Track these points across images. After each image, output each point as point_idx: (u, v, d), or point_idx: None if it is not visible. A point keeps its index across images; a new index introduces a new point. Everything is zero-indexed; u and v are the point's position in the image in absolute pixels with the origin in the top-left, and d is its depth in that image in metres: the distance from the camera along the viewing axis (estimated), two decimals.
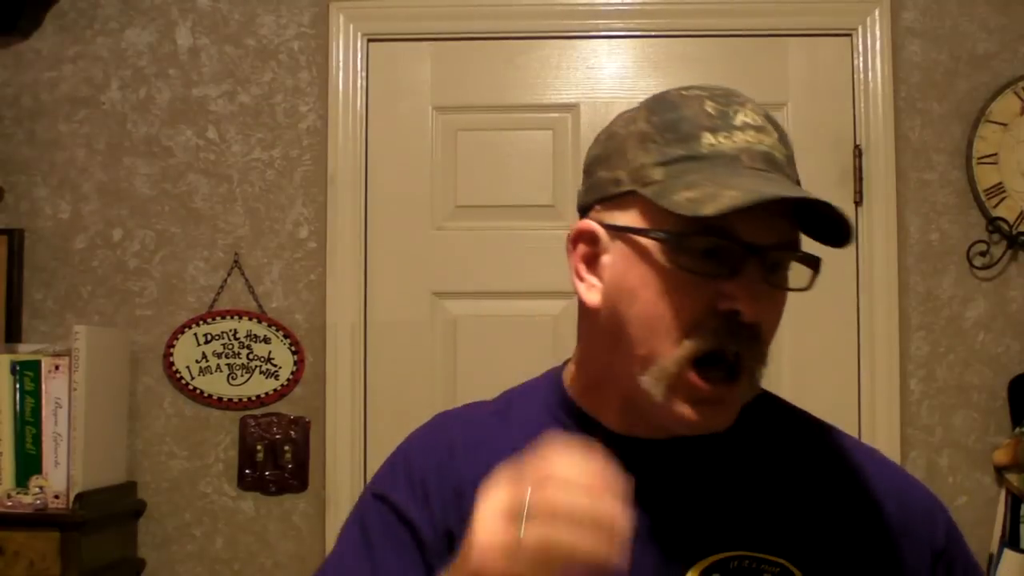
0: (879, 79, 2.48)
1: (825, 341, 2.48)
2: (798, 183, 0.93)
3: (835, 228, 0.90)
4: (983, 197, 2.45)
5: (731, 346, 0.88)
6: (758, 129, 0.91)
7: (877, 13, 2.50)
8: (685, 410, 0.89)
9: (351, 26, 2.55)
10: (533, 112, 2.56)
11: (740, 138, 0.90)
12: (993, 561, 2.33)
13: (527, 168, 2.55)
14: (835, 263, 2.67)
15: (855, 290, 2.48)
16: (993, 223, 2.45)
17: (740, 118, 0.91)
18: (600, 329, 0.95)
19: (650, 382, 0.90)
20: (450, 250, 2.55)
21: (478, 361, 2.52)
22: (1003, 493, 2.37)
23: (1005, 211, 2.45)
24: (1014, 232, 2.45)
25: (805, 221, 0.92)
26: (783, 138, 0.94)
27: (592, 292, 0.96)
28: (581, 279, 0.98)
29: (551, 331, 2.51)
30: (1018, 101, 2.46)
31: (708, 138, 0.90)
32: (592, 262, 0.97)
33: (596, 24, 2.56)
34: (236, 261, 2.55)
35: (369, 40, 2.56)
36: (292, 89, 2.57)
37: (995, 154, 2.46)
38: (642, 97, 2.83)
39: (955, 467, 2.45)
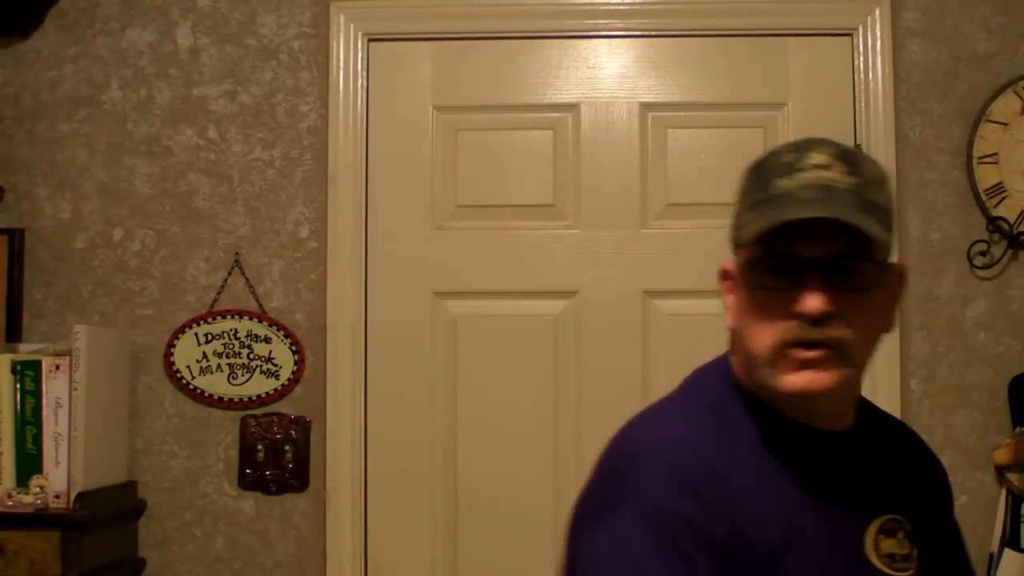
0: (879, 79, 2.48)
1: None
2: (867, 205, 1.11)
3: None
4: (983, 197, 2.45)
5: (805, 334, 1.10)
6: (824, 167, 1.11)
7: (877, 13, 2.50)
8: (791, 379, 1.11)
9: (351, 26, 2.55)
10: (533, 112, 2.56)
11: (802, 177, 1.11)
12: (993, 561, 2.33)
13: (527, 168, 2.55)
14: None
15: None
16: (994, 223, 2.45)
17: (809, 160, 1.12)
18: (738, 345, 1.19)
19: (761, 371, 1.13)
20: (450, 250, 2.55)
21: (478, 361, 2.52)
22: (1003, 493, 2.37)
23: (1005, 211, 2.45)
24: (1015, 232, 2.44)
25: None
26: (856, 169, 1.12)
27: (729, 315, 1.20)
28: (726, 308, 1.20)
29: (551, 331, 2.51)
30: (1018, 101, 2.46)
31: (777, 182, 1.12)
32: (732, 293, 1.20)
33: (596, 24, 2.56)
34: (236, 261, 2.55)
35: (369, 40, 2.57)
36: (292, 89, 2.57)
37: (995, 154, 2.46)
38: (642, 97, 2.83)
39: (956, 467, 2.44)
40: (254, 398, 2.52)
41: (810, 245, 1.10)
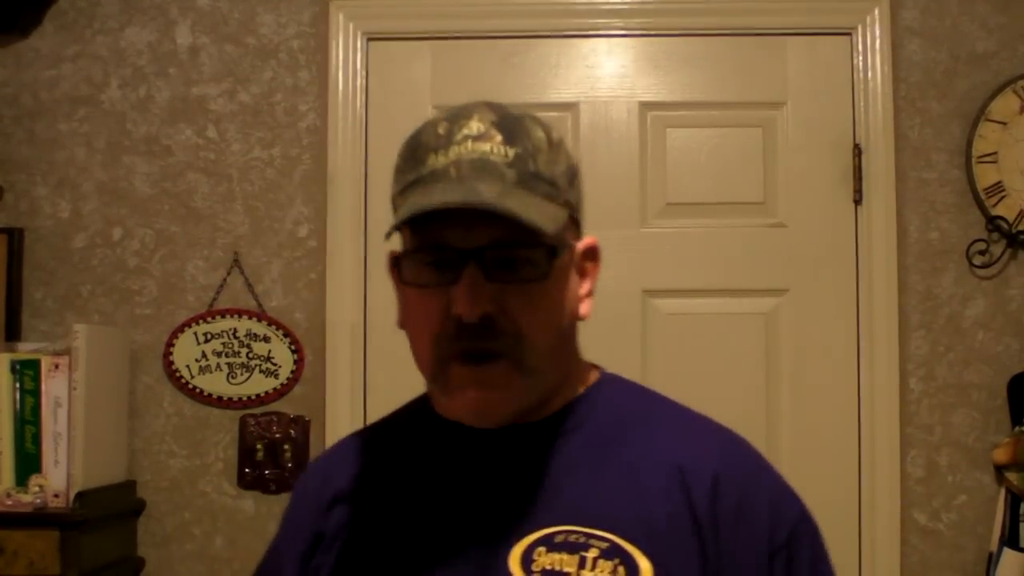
0: (879, 78, 2.48)
1: (825, 340, 2.48)
2: (528, 178, 0.97)
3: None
4: (983, 196, 2.45)
5: (459, 344, 0.97)
6: (477, 138, 0.98)
7: (877, 12, 2.50)
8: (459, 402, 0.99)
9: (351, 25, 2.55)
10: (532, 111, 2.55)
11: (455, 152, 0.96)
12: (993, 560, 2.33)
13: None
14: (835, 262, 2.66)
15: (855, 289, 2.48)
16: (993, 222, 2.45)
17: (463, 132, 0.98)
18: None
19: (430, 386, 1.03)
20: None
21: None
22: (1003, 492, 2.37)
23: (1005, 210, 2.45)
24: (1014, 231, 2.45)
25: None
26: (515, 138, 0.99)
27: (399, 313, 1.06)
28: (398, 303, 1.07)
29: None
30: (1018, 100, 2.46)
31: (431, 158, 0.97)
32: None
33: (595, 23, 2.56)
34: (236, 260, 2.55)
35: (369, 39, 2.56)
36: (292, 88, 2.57)
37: (995, 153, 2.46)
38: (642, 96, 2.82)
39: (955, 466, 2.45)
40: (253, 397, 2.52)
41: (462, 233, 0.95)
